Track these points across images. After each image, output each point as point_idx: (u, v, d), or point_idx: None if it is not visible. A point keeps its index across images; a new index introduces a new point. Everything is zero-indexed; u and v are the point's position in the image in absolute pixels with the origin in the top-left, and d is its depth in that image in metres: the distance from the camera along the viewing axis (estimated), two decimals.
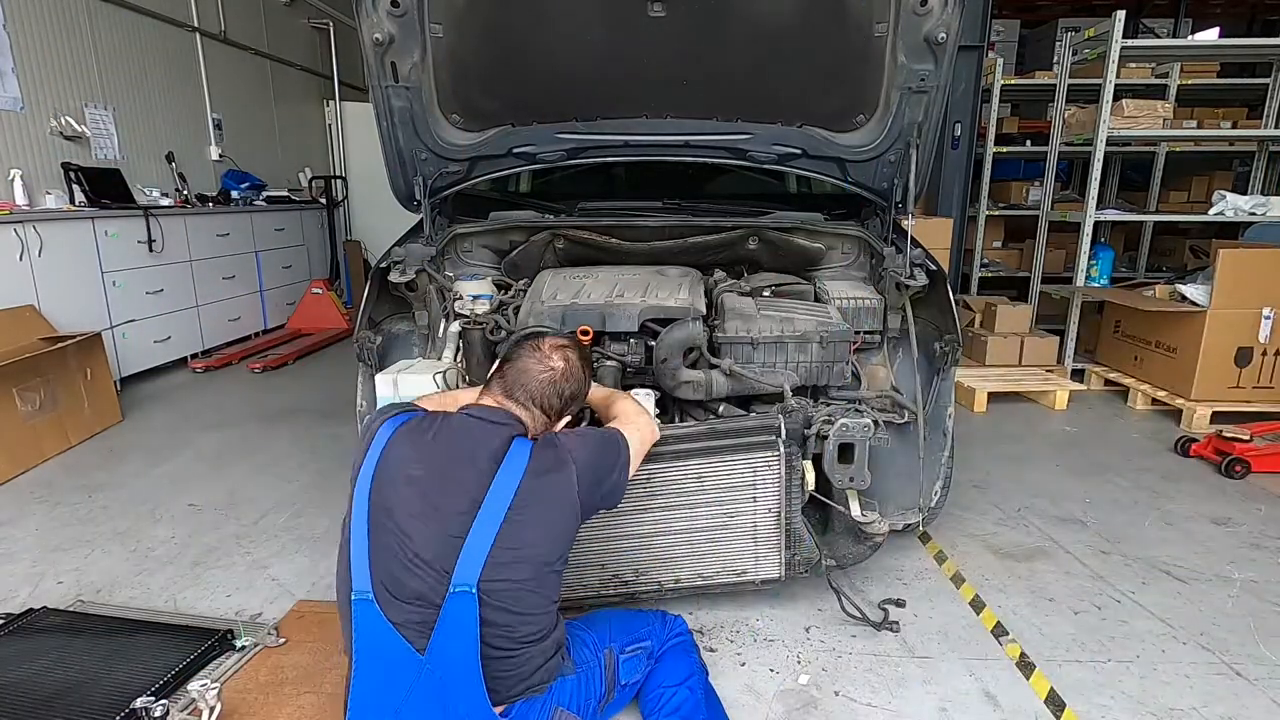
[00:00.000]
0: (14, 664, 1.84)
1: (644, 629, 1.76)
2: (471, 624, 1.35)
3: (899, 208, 2.66)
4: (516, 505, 1.40)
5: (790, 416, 2.05)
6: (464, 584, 1.35)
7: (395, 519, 1.39)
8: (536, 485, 1.44)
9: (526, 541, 1.41)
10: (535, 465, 1.46)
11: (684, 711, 1.64)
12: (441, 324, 2.57)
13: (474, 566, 1.35)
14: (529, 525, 1.41)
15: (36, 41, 4.33)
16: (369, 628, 1.37)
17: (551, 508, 1.46)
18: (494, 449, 1.46)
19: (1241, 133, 5.34)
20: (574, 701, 1.54)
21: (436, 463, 1.45)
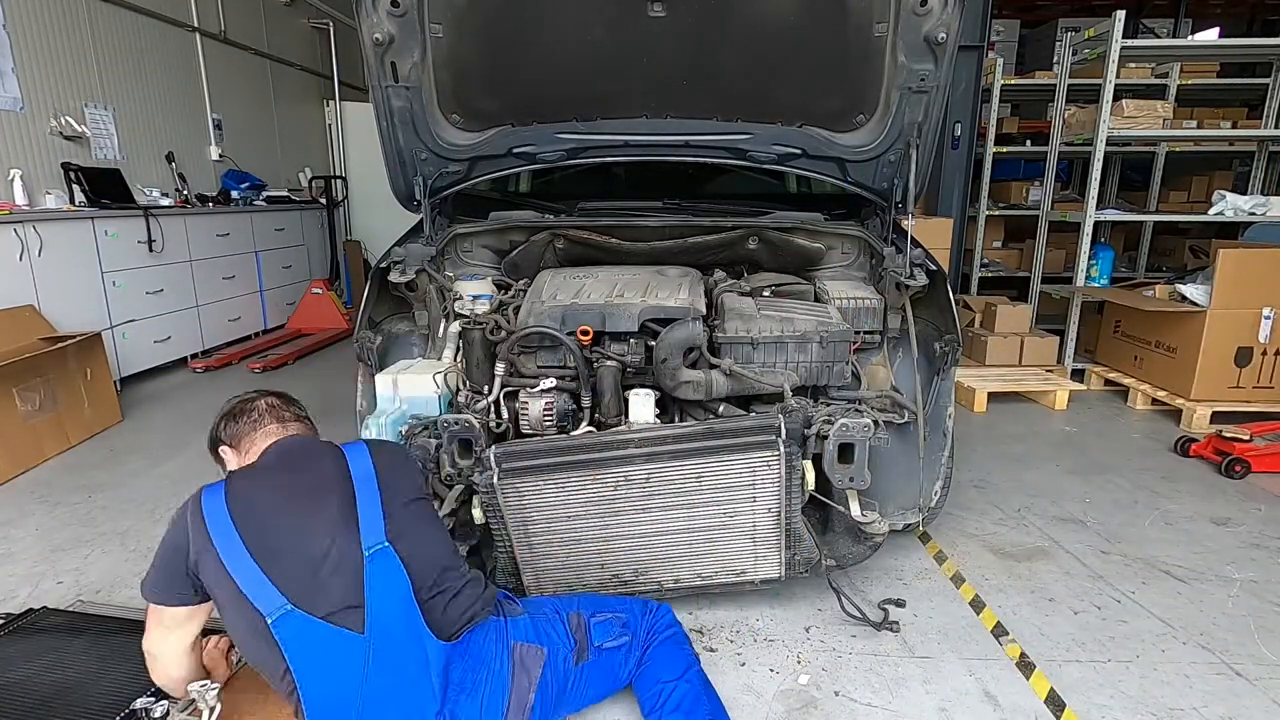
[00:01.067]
0: (14, 664, 1.84)
1: (619, 604, 1.79)
2: (399, 575, 1.44)
3: (899, 208, 2.66)
4: (379, 468, 1.56)
5: (790, 416, 2.05)
6: (375, 543, 1.45)
7: (279, 536, 1.45)
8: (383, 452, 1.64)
9: (403, 489, 1.57)
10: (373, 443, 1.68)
11: (685, 706, 1.65)
12: (441, 324, 2.57)
13: (376, 524, 1.47)
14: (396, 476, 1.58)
15: (36, 41, 4.33)
16: (301, 637, 1.38)
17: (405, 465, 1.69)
18: (323, 445, 1.67)
19: (1241, 133, 5.34)
20: (531, 637, 1.59)
21: (287, 478, 1.56)
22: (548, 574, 2.06)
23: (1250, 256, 3.89)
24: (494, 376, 2.34)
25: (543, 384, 2.29)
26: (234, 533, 1.43)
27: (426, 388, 2.28)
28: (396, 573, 1.44)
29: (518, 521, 1.98)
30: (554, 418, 2.26)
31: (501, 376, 2.33)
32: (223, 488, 1.54)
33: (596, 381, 2.28)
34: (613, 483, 1.99)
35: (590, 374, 2.29)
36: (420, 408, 2.28)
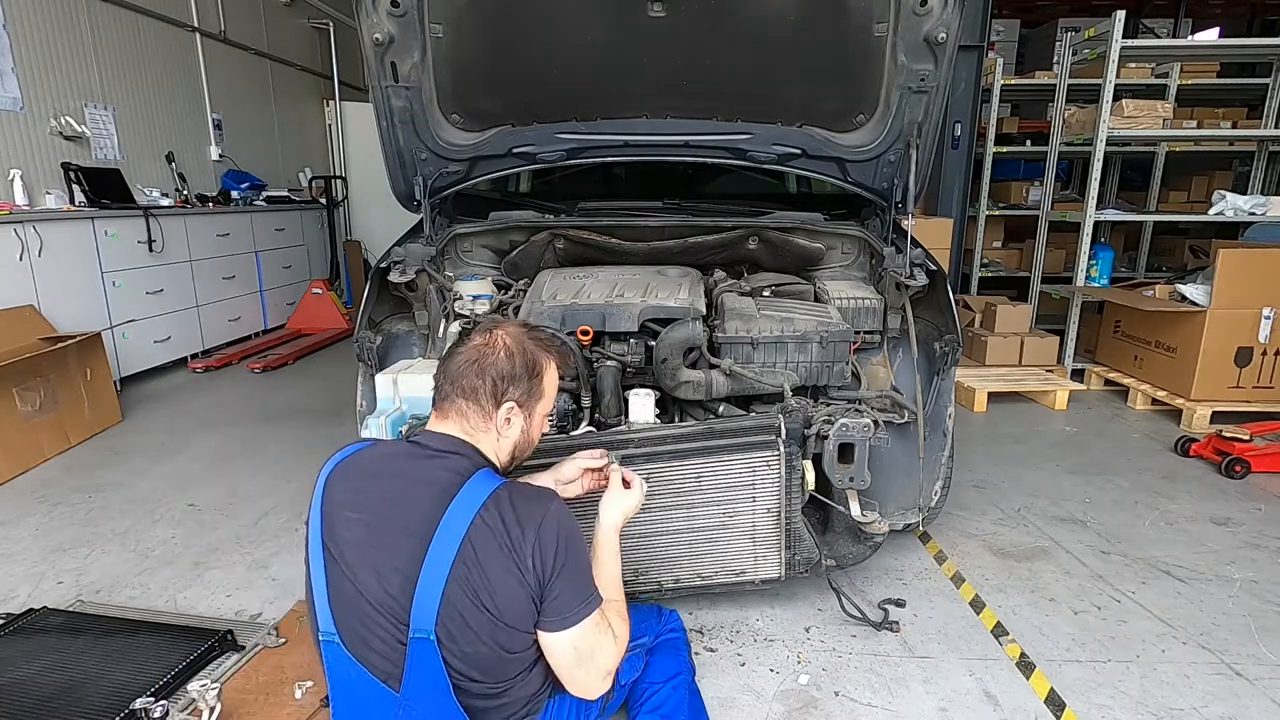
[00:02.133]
0: (14, 664, 1.84)
1: (641, 626, 1.73)
2: (437, 669, 1.26)
3: (899, 208, 2.66)
4: (466, 546, 1.24)
5: (790, 416, 2.05)
6: (421, 630, 1.24)
7: (346, 563, 1.29)
8: (490, 536, 1.25)
9: (478, 590, 1.25)
10: (493, 508, 1.27)
11: (666, 709, 1.62)
12: (441, 324, 2.57)
13: (429, 613, 1.23)
14: (481, 571, 1.25)
15: (36, 41, 4.33)
16: (340, 668, 1.32)
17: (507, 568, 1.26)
18: (440, 485, 1.30)
19: (1241, 133, 5.33)
20: (575, 714, 1.48)
21: (376, 502, 1.32)
22: None
23: (1250, 256, 3.89)
24: None
25: None
26: (319, 532, 1.31)
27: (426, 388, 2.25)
28: (436, 670, 1.25)
29: None
30: (554, 417, 2.26)
31: None
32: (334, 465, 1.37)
33: (596, 381, 2.28)
34: None
35: (590, 374, 2.29)
36: (420, 408, 2.28)
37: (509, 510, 1.28)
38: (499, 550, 1.26)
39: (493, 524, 1.26)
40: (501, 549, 1.26)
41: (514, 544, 1.26)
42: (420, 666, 1.27)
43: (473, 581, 1.25)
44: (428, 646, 1.25)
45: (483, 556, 1.25)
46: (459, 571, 1.24)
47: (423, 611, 1.24)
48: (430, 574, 1.24)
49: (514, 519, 1.27)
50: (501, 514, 1.27)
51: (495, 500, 1.28)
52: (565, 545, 1.30)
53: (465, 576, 1.24)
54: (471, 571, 1.24)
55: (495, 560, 1.25)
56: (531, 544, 1.27)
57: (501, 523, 1.27)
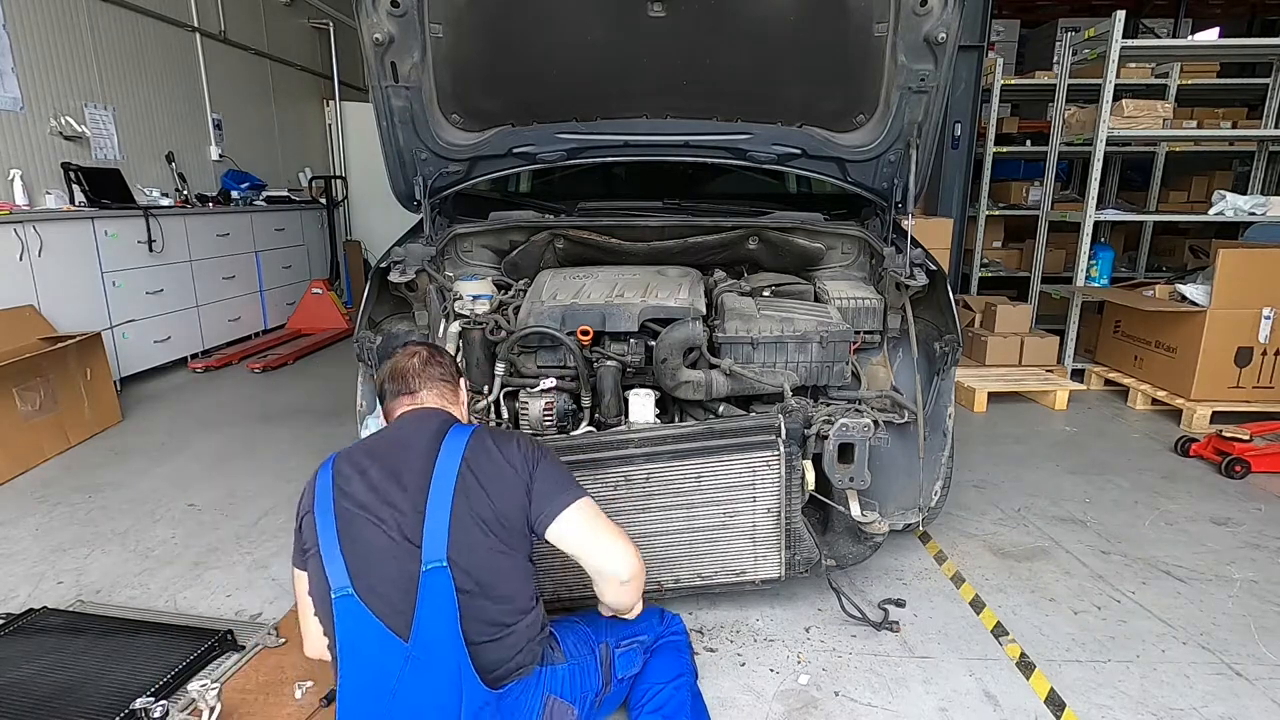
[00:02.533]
0: (14, 664, 1.84)
1: (641, 623, 1.75)
2: (449, 599, 1.36)
3: (899, 208, 2.66)
4: (464, 472, 1.43)
5: (790, 416, 2.05)
6: (434, 559, 1.37)
7: (360, 506, 1.43)
8: (480, 452, 1.47)
9: (481, 503, 1.42)
10: (477, 438, 1.49)
11: (668, 710, 1.64)
12: (441, 324, 2.57)
13: (439, 540, 1.37)
14: (479, 488, 1.43)
15: (36, 41, 4.33)
16: (352, 622, 1.38)
17: (500, 473, 1.46)
18: (431, 431, 1.51)
19: (1241, 133, 5.33)
20: (567, 691, 1.54)
21: (383, 461, 1.49)
22: (548, 574, 2.05)
23: (1250, 256, 3.89)
24: (494, 376, 2.34)
25: (543, 384, 2.29)
26: (330, 501, 1.44)
27: None
28: (447, 601, 1.36)
29: None
30: (554, 418, 2.26)
31: (501, 376, 2.33)
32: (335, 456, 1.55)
33: (596, 381, 2.28)
34: (613, 483, 1.99)
35: (590, 374, 2.29)
36: None
37: (490, 434, 1.53)
38: (490, 460, 1.47)
39: (483, 443, 1.49)
40: (492, 459, 1.47)
41: (503, 452, 1.49)
42: (431, 600, 1.36)
43: (473, 493, 1.42)
44: (440, 575, 1.36)
45: (478, 469, 1.45)
46: (460, 490, 1.41)
47: (433, 541, 1.38)
48: (436, 501, 1.40)
49: (497, 438, 1.53)
50: (487, 436, 1.52)
51: (478, 433, 1.52)
52: (542, 450, 1.56)
53: (465, 491, 1.42)
54: (470, 485, 1.43)
55: (489, 468, 1.46)
56: (516, 448, 1.51)
57: (490, 440, 1.51)
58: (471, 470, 1.44)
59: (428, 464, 1.44)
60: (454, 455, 1.45)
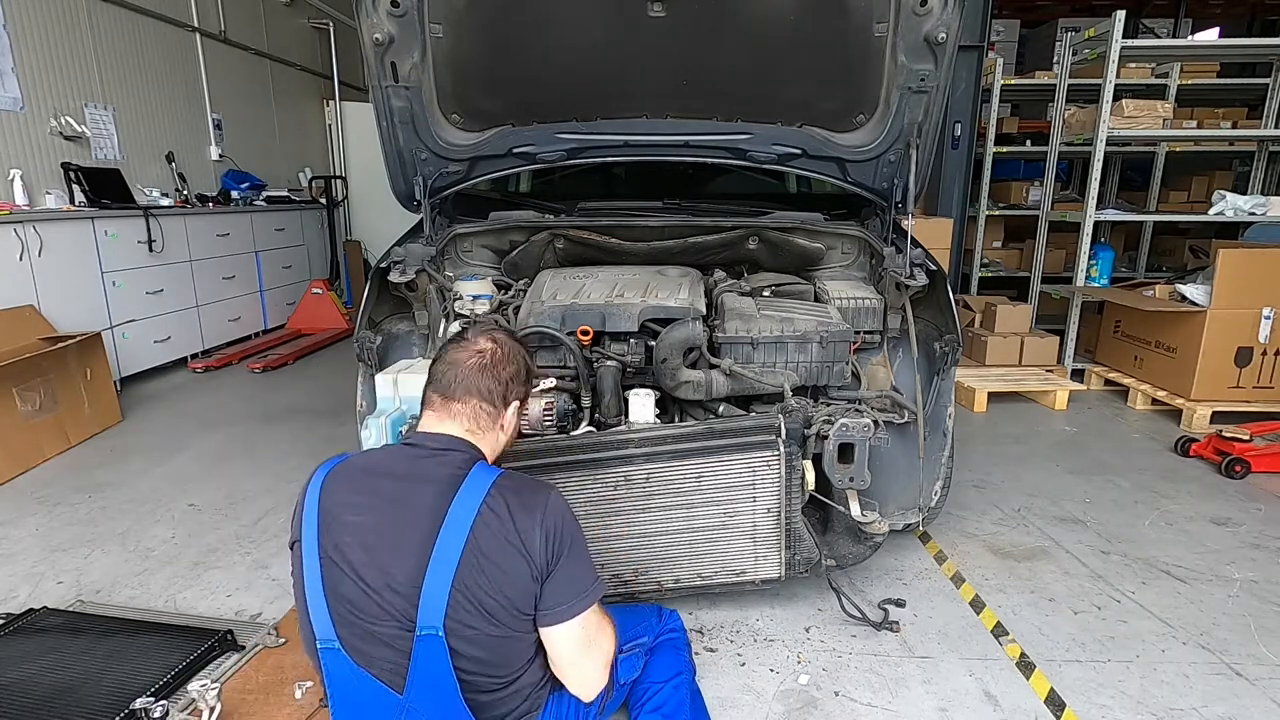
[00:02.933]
0: (14, 664, 1.84)
1: (641, 625, 1.74)
2: (444, 667, 1.26)
3: (899, 208, 2.66)
4: (472, 545, 1.25)
5: (790, 416, 2.05)
6: (429, 627, 1.24)
7: (348, 563, 1.29)
8: (495, 522, 1.28)
9: (486, 586, 1.26)
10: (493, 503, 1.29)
11: (667, 710, 1.63)
12: (441, 324, 2.57)
13: (437, 608, 1.24)
14: (486, 568, 1.26)
15: (36, 41, 4.33)
16: (340, 675, 1.31)
17: (512, 555, 1.28)
18: (443, 480, 1.32)
19: (1241, 133, 5.33)
20: (575, 713, 1.49)
21: (381, 504, 1.32)
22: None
23: (1250, 256, 3.89)
24: None
25: (543, 384, 2.29)
26: (315, 541, 1.31)
27: None
28: (443, 668, 1.26)
29: None
30: (554, 418, 2.26)
31: None
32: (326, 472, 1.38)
33: (596, 381, 2.28)
34: (613, 482, 1.99)
35: (590, 374, 2.29)
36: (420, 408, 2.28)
37: (513, 498, 1.31)
38: (505, 540, 1.27)
39: (499, 512, 1.28)
40: (508, 538, 1.28)
41: (520, 531, 1.28)
42: (426, 665, 1.27)
43: (480, 571, 1.26)
44: (435, 644, 1.25)
45: (489, 547, 1.26)
46: (466, 564, 1.25)
47: (430, 607, 1.24)
48: (437, 569, 1.25)
49: (518, 506, 1.30)
50: (506, 502, 1.30)
51: (498, 489, 1.31)
52: (569, 533, 1.34)
53: (473, 567, 1.25)
54: (479, 562, 1.26)
55: (502, 549, 1.27)
56: (538, 530, 1.29)
57: (507, 510, 1.29)
58: (480, 544, 1.26)
59: (432, 526, 1.26)
60: (463, 522, 1.26)
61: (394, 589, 1.27)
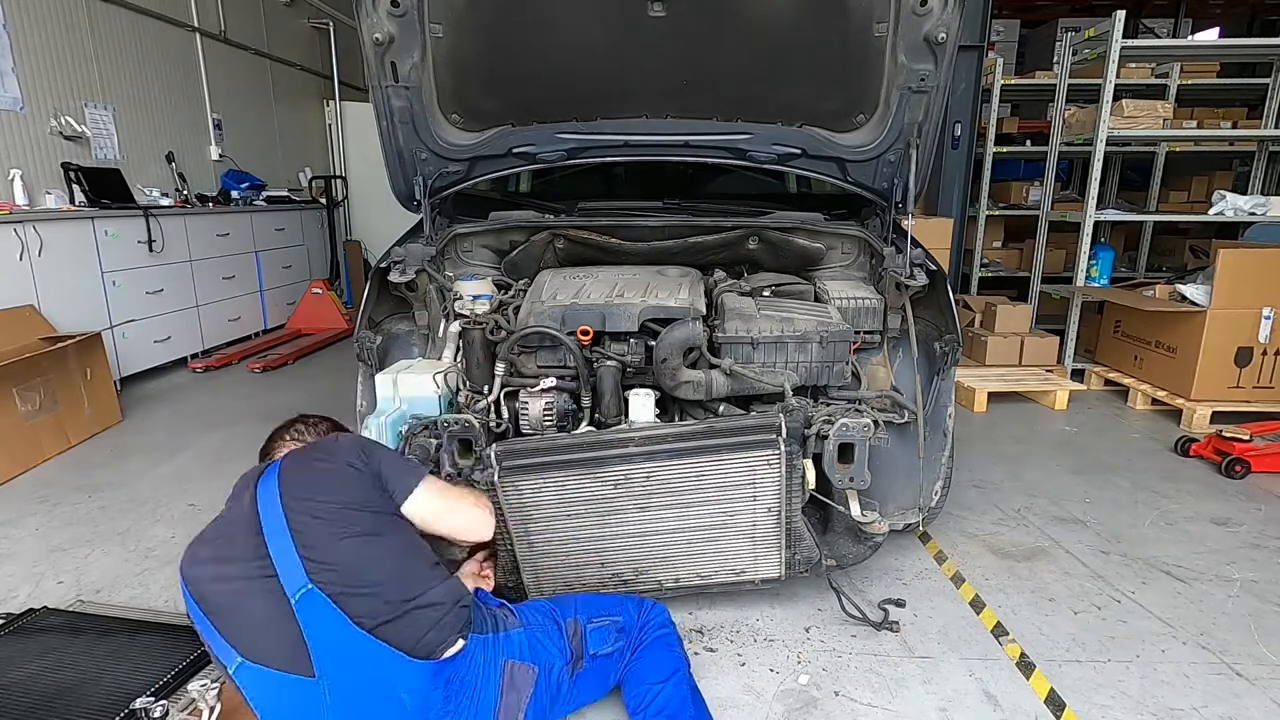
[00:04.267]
0: (14, 664, 1.84)
1: (614, 605, 1.76)
2: (331, 613, 1.36)
3: (899, 208, 2.66)
4: (287, 496, 1.44)
5: (790, 416, 2.05)
6: (298, 587, 1.36)
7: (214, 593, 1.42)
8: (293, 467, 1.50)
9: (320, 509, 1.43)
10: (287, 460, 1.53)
11: (670, 709, 1.63)
12: (441, 324, 2.57)
13: (294, 567, 1.37)
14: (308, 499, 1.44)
15: (36, 41, 4.33)
16: (257, 686, 1.37)
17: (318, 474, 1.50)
18: (247, 482, 1.53)
19: (1241, 133, 5.34)
20: (526, 655, 1.54)
21: (215, 531, 1.52)
22: (547, 572, 2.05)
23: (1250, 256, 3.89)
24: (494, 376, 2.34)
25: (543, 384, 2.29)
26: (189, 596, 1.43)
27: (426, 388, 2.28)
28: (329, 612, 1.36)
29: (517, 520, 1.98)
30: (554, 417, 2.26)
31: (501, 376, 2.33)
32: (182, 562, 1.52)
33: (596, 381, 2.28)
34: (613, 482, 1.99)
35: (590, 374, 2.29)
36: (420, 408, 2.28)
37: (302, 452, 1.56)
38: (313, 471, 1.50)
39: (295, 461, 1.52)
40: (315, 467, 1.50)
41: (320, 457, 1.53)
42: (316, 626, 1.34)
43: (307, 508, 1.43)
44: (311, 598, 1.36)
45: (302, 485, 1.46)
46: (293, 515, 1.42)
47: (288, 570, 1.37)
48: (274, 536, 1.40)
49: (309, 452, 1.56)
50: (296, 457, 1.54)
51: (288, 456, 1.55)
52: (364, 443, 1.62)
53: (299, 514, 1.42)
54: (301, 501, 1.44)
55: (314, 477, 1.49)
56: (335, 452, 1.54)
57: (302, 457, 1.54)
58: (295, 487, 1.46)
59: (250, 508, 1.45)
60: (271, 487, 1.46)
61: (253, 582, 1.39)
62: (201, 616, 1.41)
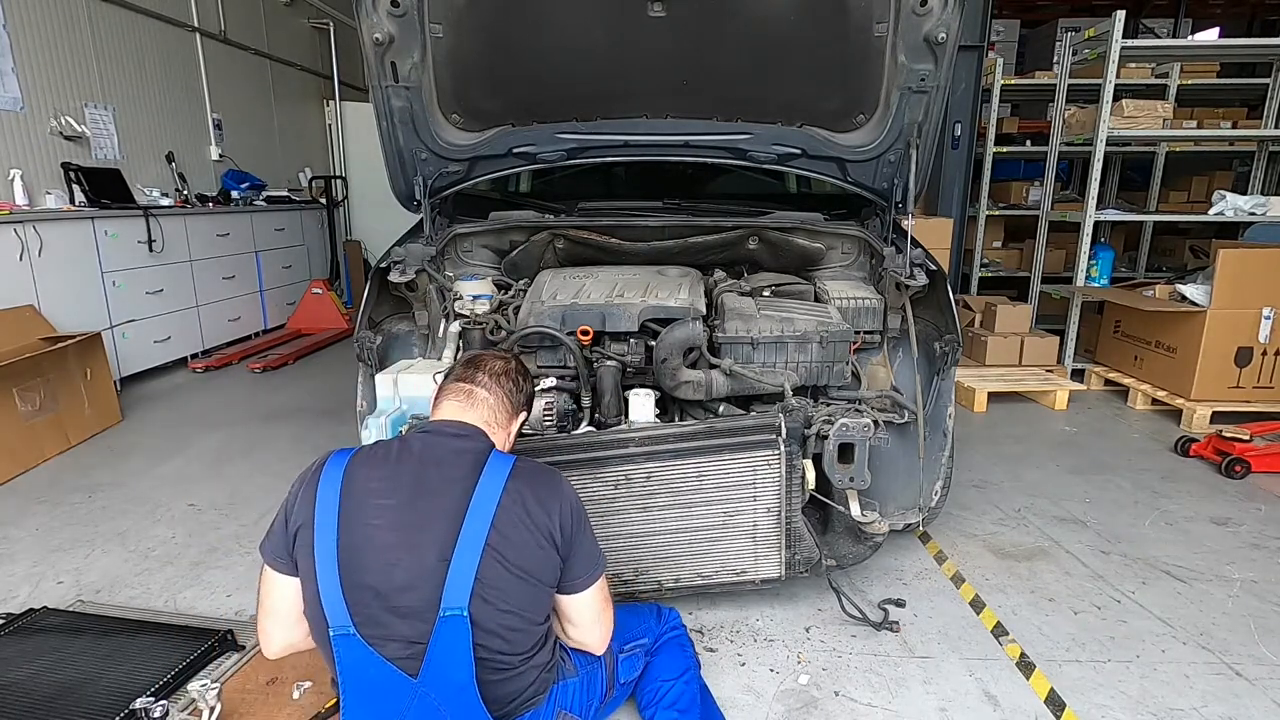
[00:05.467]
0: (14, 664, 1.84)
1: (641, 626, 1.77)
2: (465, 647, 1.30)
3: (899, 208, 2.66)
4: (499, 519, 1.33)
5: (790, 416, 2.05)
6: (454, 608, 1.29)
7: (371, 551, 1.32)
8: (520, 498, 1.36)
9: (512, 556, 1.33)
10: (517, 481, 1.38)
11: (681, 705, 1.66)
12: (441, 324, 2.57)
13: (463, 589, 1.29)
14: (513, 540, 1.34)
15: (36, 41, 4.33)
16: (354, 660, 1.32)
17: (534, 521, 1.37)
18: (467, 460, 1.40)
19: (1241, 133, 5.33)
20: (576, 703, 1.54)
21: (406, 488, 1.37)
22: None
23: (1250, 256, 3.89)
24: None
25: (543, 384, 2.29)
26: (334, 523, 1.33)
27: (426, 388, 2.28)
28: (463, 649, 1.30)
29: None
30: (554, 417, 2.26)
31: None
32: (346, 460, 1.40)
33: (596, 381, 2.28)
34: (613, 482, 1.99)
35: (590, 374, 2.29)
36: (420, 408, 2.28)
37: (529, 489, 1.40)
38: (526, 525, 1.36)
39: (520, 498, 1.37)
40: (529, 524, 1.37)
41: (541, 516, 1.38)
42: (446, 646, 1.30)
43: (504, 551, 1.33)
44: (458, 624, 1.29)
45: (511, 530, 1.34)
46: (492, 543, 1.32)
47: (457, 587, 1.29)
48: (465, 550, 1.31)
49: (536, 497, 1.39)
50: (527, 488, 1.39)
51: (516, 475, 1.40)
52: (580, 513, 1.47)
53: (497, 546, 1.32)
54: (502, 542, 1.33)
55: (524, 532, 1.36)
56: (556, 518, 1.40)
57: (529, 497, 1.38)
58: (508, 518, 1.34)
59: (461, 501, 1.33)
60: (491, 497, 1.34)
61: (422, 570, 1.31)
62: (332, 564, 1.31)
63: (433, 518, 1.34)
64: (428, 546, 1.32)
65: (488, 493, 1.35)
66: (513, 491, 1.36)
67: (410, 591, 1.31)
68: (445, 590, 1.29)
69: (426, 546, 1.32)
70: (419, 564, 1.31)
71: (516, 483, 1.38)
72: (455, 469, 1.38)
